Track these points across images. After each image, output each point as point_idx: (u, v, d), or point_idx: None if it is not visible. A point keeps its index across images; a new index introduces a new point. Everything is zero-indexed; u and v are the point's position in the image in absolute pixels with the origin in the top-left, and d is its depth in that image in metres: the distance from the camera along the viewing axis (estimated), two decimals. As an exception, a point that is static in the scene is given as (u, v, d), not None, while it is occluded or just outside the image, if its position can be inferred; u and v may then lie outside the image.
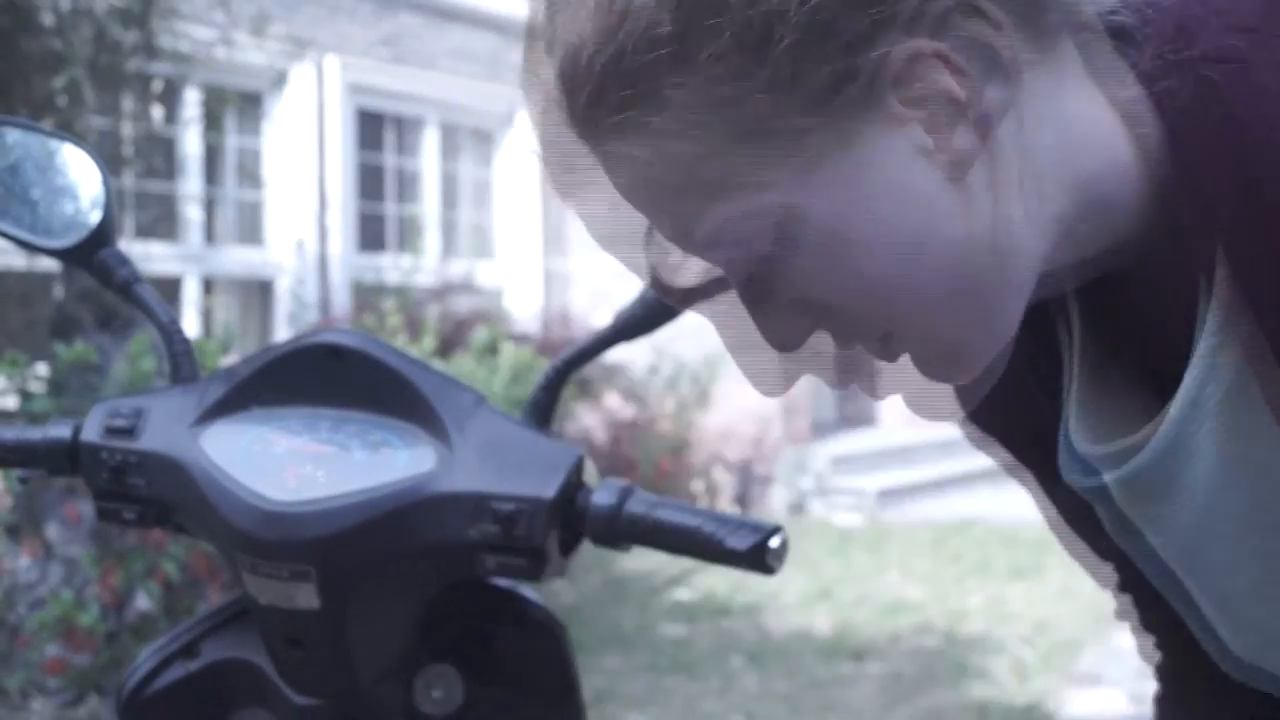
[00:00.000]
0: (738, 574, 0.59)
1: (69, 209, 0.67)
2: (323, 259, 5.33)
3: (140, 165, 3.66)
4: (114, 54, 2.88)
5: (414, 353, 3.22)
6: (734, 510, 4.06)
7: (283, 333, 5.08)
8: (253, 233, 5.42)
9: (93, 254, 0.65)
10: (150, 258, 4.34)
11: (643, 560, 4.10)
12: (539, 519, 0.55)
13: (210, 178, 5.20)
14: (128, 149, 3.52)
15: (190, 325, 4.69)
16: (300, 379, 0.60)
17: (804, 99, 0.39)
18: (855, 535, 5.06)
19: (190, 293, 5.02)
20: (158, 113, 3.71)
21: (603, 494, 0.57)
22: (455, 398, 0.58)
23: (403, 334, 4.05)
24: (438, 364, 3.35)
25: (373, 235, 5.80)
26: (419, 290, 5.22)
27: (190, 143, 4.87)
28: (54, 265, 3.15)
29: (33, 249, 0.68)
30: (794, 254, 0.41)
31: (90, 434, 0.60)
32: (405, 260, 5.50)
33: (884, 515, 5.52)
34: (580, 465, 0.57)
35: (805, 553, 4.55)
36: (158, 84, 3.70)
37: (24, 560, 2.44)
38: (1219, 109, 0.42)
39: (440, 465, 0.56)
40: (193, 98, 4.15)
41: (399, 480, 0.56)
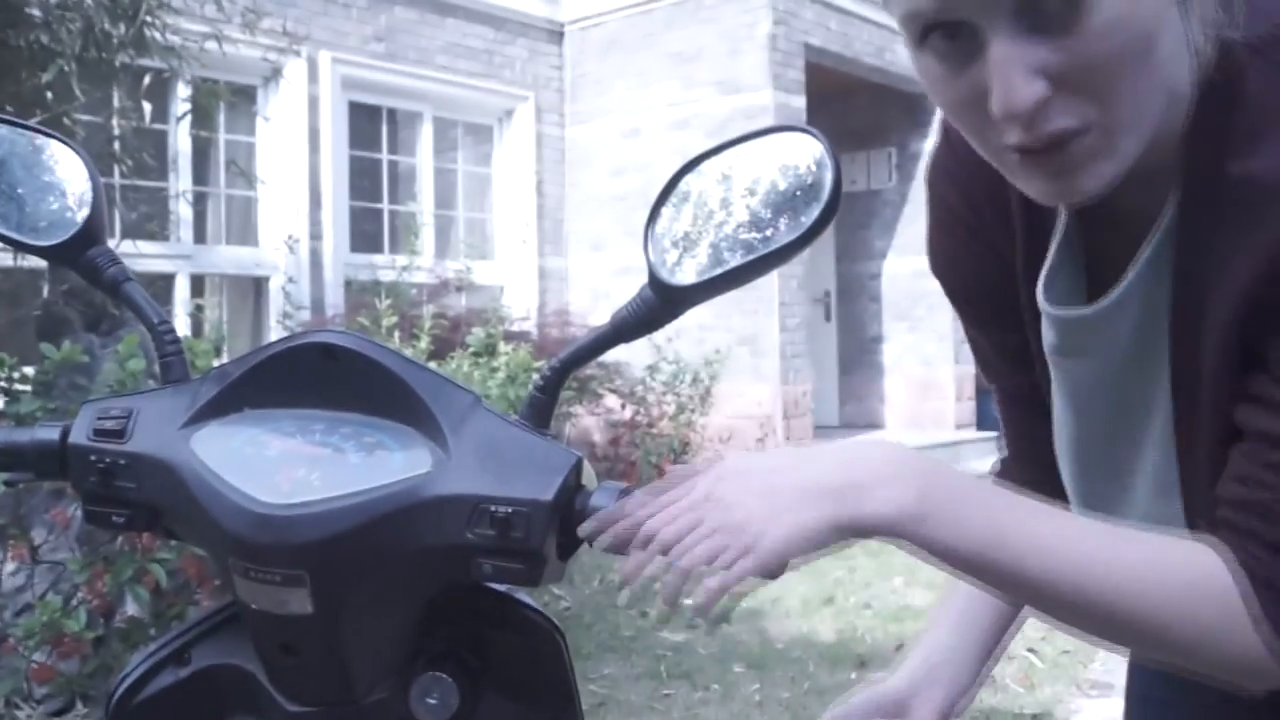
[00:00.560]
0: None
1: (57, 206, 0.65)
2: (316, 257, 5.31)
3: (130, 162, 3.64)
4: (103, 48, 2.86)
5: (409, 353, 3.21)
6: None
7: (275, 332, 5.06)
8: (244, 230, 5.40)
9: (81, 252, 0.64)
10: (140, 256, 4.32)
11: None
12: (537, 522, 0.54)
13: (201, 175, 5.18)
14: (117, 145, 3.50)
15: (181, 325, 4.66)
16: (293, 380, 0.58)
17: None
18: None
19: (181, 291, 5.00)
20: (148, 108, 3.68)
21: (601, 497, 0.56)
22: (451, 399, 0.57)
23: (397, 333, 4.03)
24: (433, 365, 3.34)
25: (367, 233, 5.78)
26: (414, 289, 5.21)
27: (181, 139, 4.84)
28: (42, 264, 3.13)
29: (20, 247, 0.66)
30: (1094, 4, 0.52)
31: (79, 436, 0.59)
32: (400, 258, 5.49)
33: (886, 518, 5.52)
34: (579, 468, 0.56)
35: (808, 557, 4.54)
36: (148, 79, 3.67)
37: (10, 565, 2.43)
38: (1231, 90, 0.55)
39: (436, 467, 0.55)
40: (184, 93, 4.12)
41: (394, 483, 0.55)
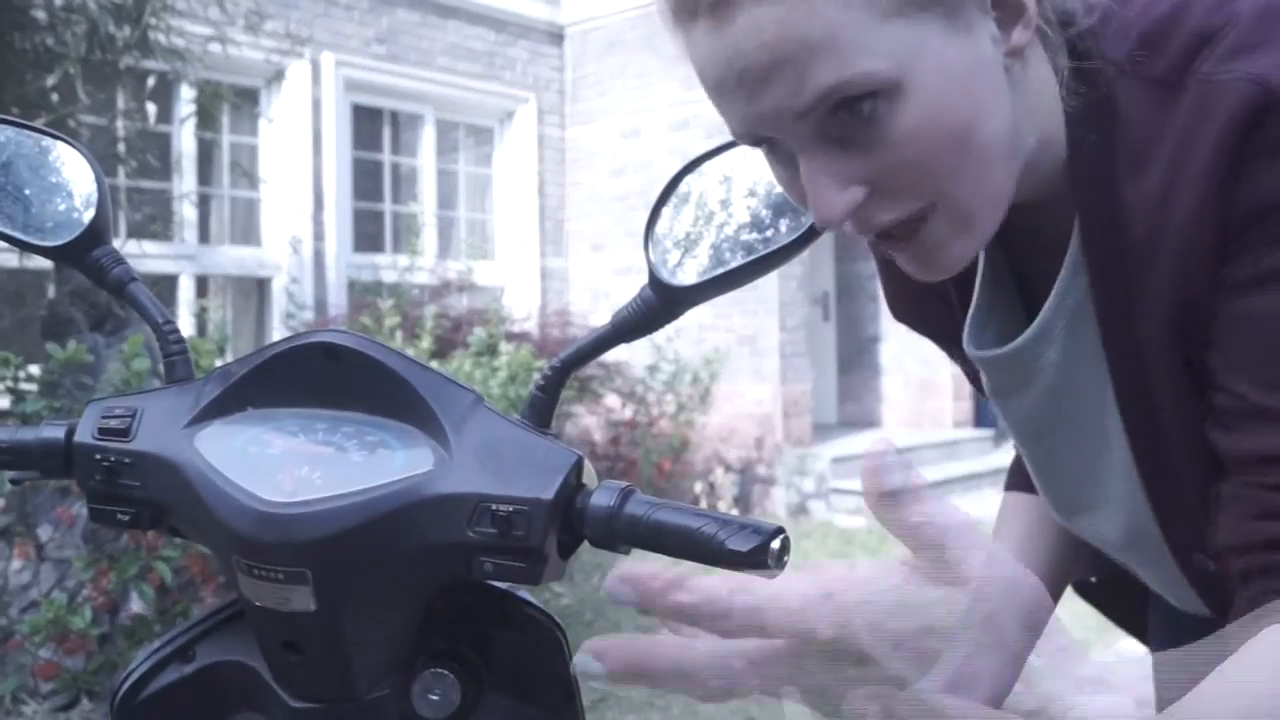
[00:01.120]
0: (739, 576, 0.58)
1: (62, 207, 0.66)
2: (319, 258, 5.32)
3: (134, 163, 3.65)
4: (108, 51, 2.87)
5: (411, 352, 3.22)
6: (735, 512, 4.05)
7: (278, 332, 5.07)
8: (248, 231, 5.41)
9: (86, 253, 0.64)
10: (145, 256, 4.33)
11: (643, 563, 4.10)
12: (537, 521, 0.54)
13: (205, 176, 5.19)
14: (121, 147, 3.51)
15: (185, 325, 4.68)
16: (296, 379, 0.59)
17: None
18: (857, 537, 5.06)
19: (185, 292, 5.01)
20: (152, 110, 3.69)
21: (602, 495, 0.56)
22: (453, 398, 0.58)
23: (400, 333, 4.04)
24: (435, 364, 3.34)
25: (369, 234, 5.79)
26: (416, 289, 5.21)
27: (185, 140, 4.85)
28: (47, 264, 3.14)
29: (25, 248, 0.67)
30: (891, 116, 0.50)
31: (84, 435, 0.60)
32: (402, 259, 5.49)
33: (884, 516, 5.53)
34: (579, 467, 0.57)
35: (807, 555, 4.56)
36: (152, 81, 3.69)
37: (16, 563, 2.43)
38: (1104, 113, 0.57)
39: (438, 466, 0.56)
40: (187, 95, 4.14)
41: (396, 481, 0.55)
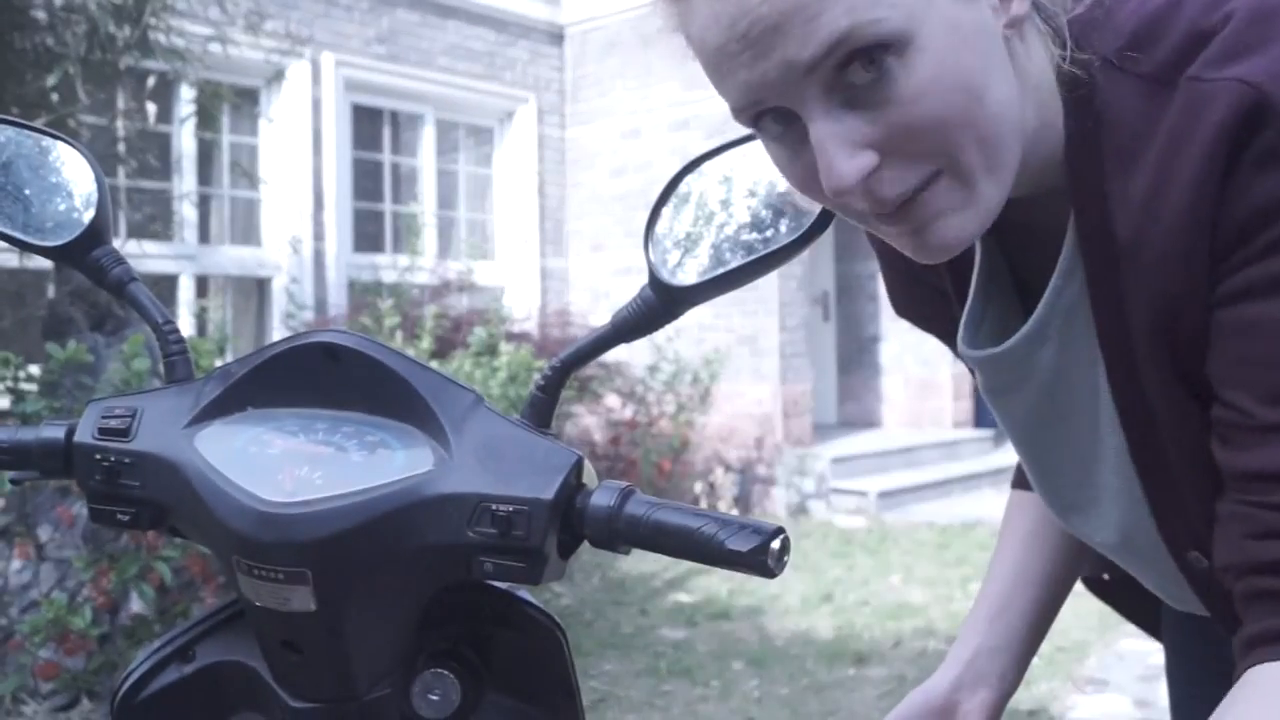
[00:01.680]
0: (738, 577, 0.58)
1: (62, 207, 0.66)
2: (319, 258, 5.32)
3: (134, 163, 3.65)
4: (107, 50, 2.87)
5: (411, 352, 3.21)
6: (735, 512, 4.06)
7: (278, 333, 5.06)
8: (248, 231, 5.41)
9: (86, 253, 0.65)
10: (145, 256, 4.33)
11: (642, 563, 4.10)
12: (537, 521, 0.54)
13: (205, 176, 5.19)
14: (121, 147, 3.51)
15: (185, 325, 4.67)
16: (296, 379, 0.59)
17: None
18: (857, 537, 5.06)
19: (185, 292, 5.01)
20: (152, 110, 3.69)
21: (602, 495, 0.56)
22: (453, 398, 0.58)
23: (400, 333, 4.04)
24: (435, 364, 3.34)
25: (369, 234, 5.79)
26: (416, 289, 5.21)
27: (185, 140, 4.85)
28: (47, 264, 3.14)
29: (25, 248, 0.67)
30: (902, 72, 0.50)
31: (84, 435, 0.60)
32: (402, 259, 5.49)
33: (886, 517, 5.52)
34: (579, 467, 0.57)
35: (807, 555, 4.56)
36: (152, 81, 3.68)
37: (16, 563, 2.43)
38: (1095, 107, 0.57)
39: (438, 466, 0.56)
40: (187, 95, 4.14)
41: (396, 481, 0.55)
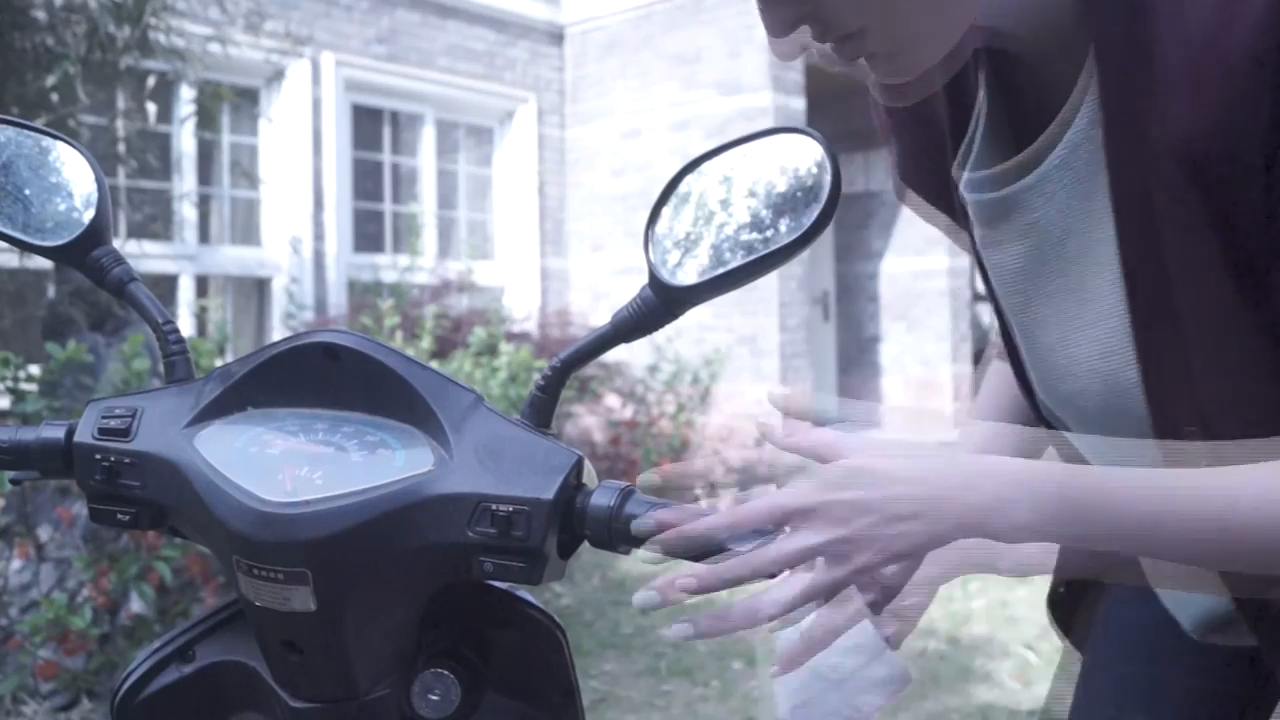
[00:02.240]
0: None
1: (62, 207, 0.66)
2: (319, 258, 5.32)
3: (134, 163, 3.64)
4: (108, 50, 2.87)
5: (411, 352, 3.21)
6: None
7: (278, 332, 5.06)
8: (248, 231, 5.41)
9: (86, 253, 0.65)
10: (145, 256, 4.33)
11: (642, 563, 4.09)
12: (537, 521, 0.54)
13: (205, 176, 5.19)
14: (121, 147, 3.51)
15: (185, 324, 4.67)
16: (296, 379, 0.59)
17: None
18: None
19: (185, 292, 5.01)
20: (152, 110, 3.69)
21: (602, 495, 0.56)
22: (453, 398, 0.58)
23: (400, 333, 4.04)
24: (435, 364, 3.34)
25: (369, 234, 5.79)
26: (416, 289, 5.21)
27: (185, 140, 4.85)
28: (47, 264, 3.14)
29: (25, 248, 0.67)
30: None
31: (84, 435, 0.60)
32: (402, 259, 5.49)
33: (883, 516, 5.51)
34: (579, 467, 0.57)
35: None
36: (152, 81, 3.69)
37: (16, 563, 2.43)
38: None
39: (438, 466, 0.56)
40: (187, 95, 4.14)
41: (396, 481, 0.55)
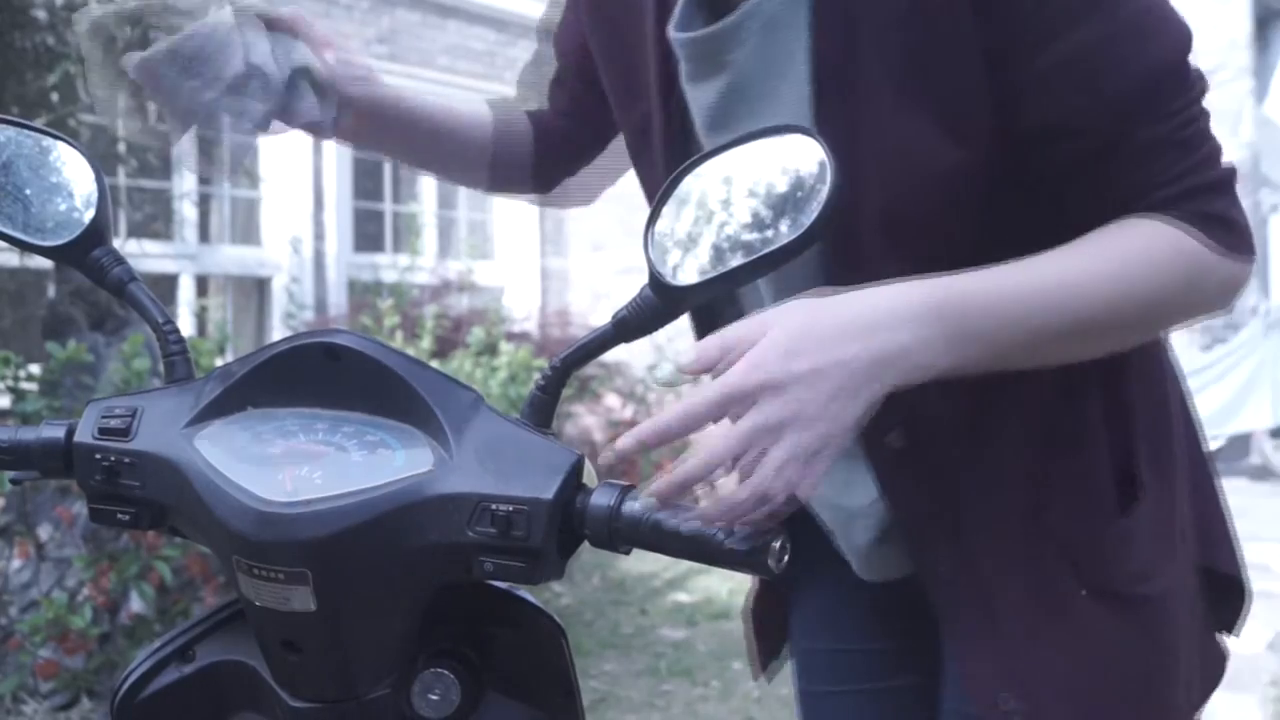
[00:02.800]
0: (738, 576, 0.58)
1: (63, 207, 0.66)
2: (319, 257, 5.32)
3: (134, 163, 3.64)
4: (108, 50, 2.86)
5: (411, 352, 3.20)
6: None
7: (278, 332, 5.06)
8: (248, 231, 5.41)
9: (86, 252, 0.65)
10: (145, 256, 4.33)
11: (642, 563, 4.10)
12: (537, 520, 0.54)
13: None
14: (121, 146, 3.51)
15: (186, 324, 4.67)
16: (296, 379, 0.59)
17: None
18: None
19: (185, 291, 5.01)
20: (152, 110, 3.68)
21: (601, 495, 0.56)
22: (453, 398, 0.58)
23: (400, 333, 4.04)
24: (435, 364, 3.33)
25: (370, 233, 5.79)
26: (416, 289, 5.21)
27: (185, 141, 4.84)
28: (47, 264, 3.14)
29: (26, 247, 0.67)
30: None
31: (84, 435, 0.60)
32: (402, 259, 5.49)
33: (882, 515, 5.51)
34: (579, 466, 0.57)
35: (804, 553, 4.53)
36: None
37: (16, 562, 2.43)
38: None
39: (438, 466, 0.56)
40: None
41: (396, 481, 0.55)
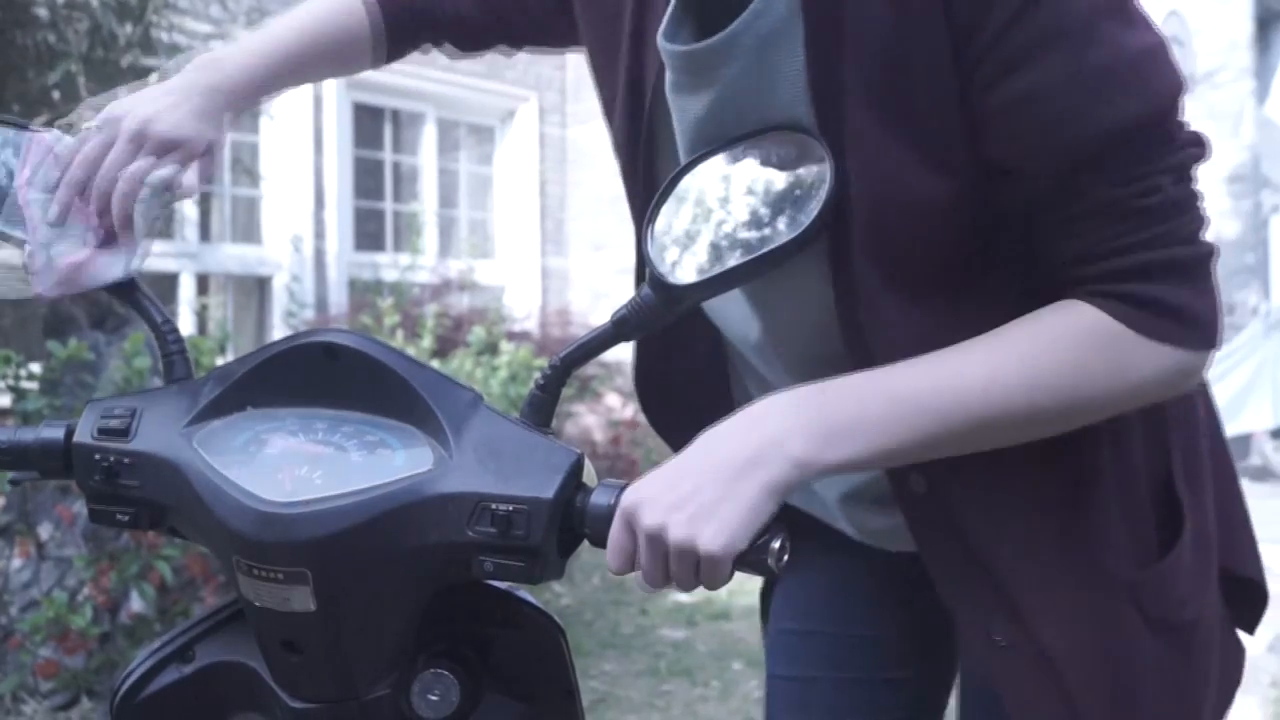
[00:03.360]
0: (738, 576, 0.58)
1: (62, 206, 0.66)
2: (320, 256, 5.32)
3: (136, 162, 3.63)
4: (110, 48, 2.87)
5: (411, 351, 3.21)
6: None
7: (279, 331, 5.06)
8: (249, 230, 5.41)
9: (86, 252, 0.65)
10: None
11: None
12: (537, 520, 0.54)
13: (206, 174, 5.18)
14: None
15: (186, 323, 4.67)
16: (296, 379, 0.59)
17: None
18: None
19: (185, 290, 5.01)
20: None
21: (602, 495, 0.56)
22: (453, 397, 0.58)
23: (400, 332, 4.04)
24: (436, 363, 3.34)
25: (370, 232, 5.79)
26: (417, 288, 5.21)
27: (186, 139, 4.85)
28: (49, 262, 3.13)
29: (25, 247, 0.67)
30: None
31: (83, 435, 0.60)
32: (403, 258, 5.49)
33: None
34: (579, 466, 0.57)
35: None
36: (154, 79, 3.68)
37: (17, 562, 2.43)
38: None
39: (438, 466, 0.56)
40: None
41: (396, 481, 0.55)
